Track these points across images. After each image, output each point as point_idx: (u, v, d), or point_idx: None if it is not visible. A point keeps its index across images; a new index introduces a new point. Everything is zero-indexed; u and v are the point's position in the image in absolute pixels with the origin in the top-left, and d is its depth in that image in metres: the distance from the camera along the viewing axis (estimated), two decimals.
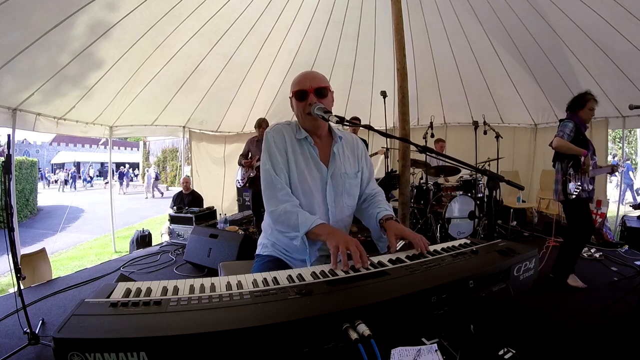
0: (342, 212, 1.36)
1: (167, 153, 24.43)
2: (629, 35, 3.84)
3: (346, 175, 1.36)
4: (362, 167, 1.44)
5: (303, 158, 1.31)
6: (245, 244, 3.35)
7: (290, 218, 1.18)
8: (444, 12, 4.84)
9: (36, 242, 7.47)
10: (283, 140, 1.30)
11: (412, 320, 0.79)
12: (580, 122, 2.84)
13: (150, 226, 6.79)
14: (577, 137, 2.78)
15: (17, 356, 2.05)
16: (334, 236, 1.07)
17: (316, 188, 1.31)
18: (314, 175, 1.31)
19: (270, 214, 1.27)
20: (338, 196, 1.34)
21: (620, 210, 5.31)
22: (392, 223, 1.26)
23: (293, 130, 1.34)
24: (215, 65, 5.08)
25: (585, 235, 2.89)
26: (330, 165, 1.33)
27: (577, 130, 2.79)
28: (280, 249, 1.37)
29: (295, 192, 1.29)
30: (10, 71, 3.35)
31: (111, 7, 3.44)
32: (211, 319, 0.65)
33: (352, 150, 1.43)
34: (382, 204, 1.38)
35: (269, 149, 1.30)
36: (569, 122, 2.82)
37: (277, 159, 1.28)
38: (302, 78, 1.31)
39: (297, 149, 1.31)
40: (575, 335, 2.16)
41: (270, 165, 1.28)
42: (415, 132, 5.79)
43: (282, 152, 1.29)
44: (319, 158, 1.32)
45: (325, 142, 1.37)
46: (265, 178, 1.29)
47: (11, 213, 2.20)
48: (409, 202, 3.88)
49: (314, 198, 1.30)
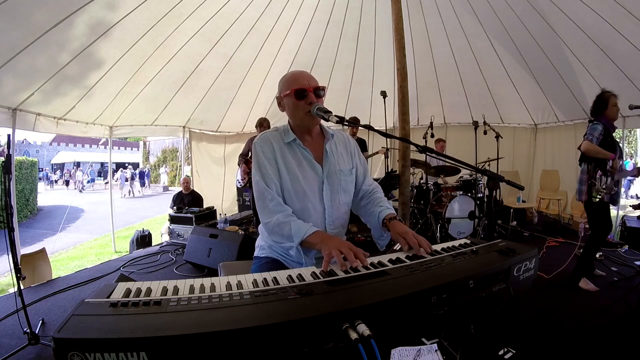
0: (339, 210, 1.36)
1: (167, 153, 24.46)
2: (629, 35, 3.84)
3: (341, 173, 1.35)
4: (355, 164, 1.43)
5: (295, 161, 1.30)
6: (245, 244, 3.35)
7: (284, 229, 1.18)
8: (444, 12, 4.84)
9: (36, 242, 7.48)
10: (271, 148, 1.29)
11: (412, 320, 0.79)
12: (609, 123, 2.81)
13: (150, 226, 6.79)
14: (605, 139, 2.74)
15: (17, 356, 2.05)
16: (326, 243, 1.07)
17: (311, 189, 1.30)
18: (309, 176, 1.30)
19: (264, 225, 1.27)
20: (334, 194, 1.33)
21: (620, 210, 5.31)
22: (397, 223, 1.25)
23: (281, 135, 1.32)
24: (215, 65, 5.08)
25: (603, 236, 2.86)
26: (324, 164, 1.32)
27: (606, 133, 2.76)
28: (278, 250, 1.37)
29: (289, 196, 1.28)
30: (10, 71, 3.35)
31: (111, 6, 3.44)
32: (211, 319, 0.65)
33: (345, 147, 1.42)
34: (382, 202, 1.37)
35: (258, 160, 1.29)
36: (597, 125, 2.78)
37: (267, 169, 1.27)
38: (299, 76, 1.28)
39: (287, 154, 1.29)
40: (575, 335, 2.16)
41: (260, 176, 1.27)
42: (415, 132, 5.79)
43: (271, 162, 1.28)
44: (313, 158, 1.31)
45: (317, 140, 1.36)
46: (256, 189, 1.28)
47: (11, 213, 2.20)
48: (409, 202, 3.88)
49: (309, 200, 1.29)
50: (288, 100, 1.28)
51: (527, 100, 5.87)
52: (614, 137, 2.81)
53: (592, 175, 2.77)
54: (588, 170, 2.82)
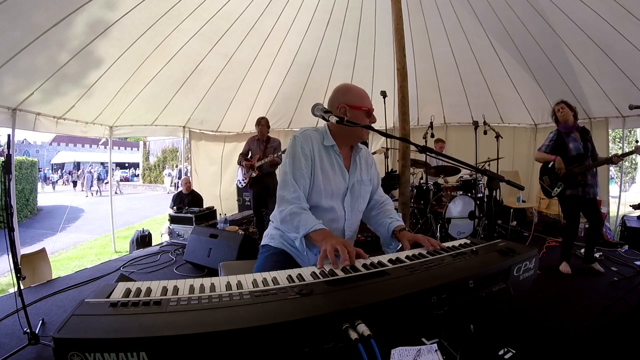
0: (356, 216, 1.46)
1: (167, 153, 24.44)
2: (629, 35, 3.84)
3: (362, 182, 1.45)
4: (372, 175, 1.53)
5: (329, 164, 1.37)
6: (245, 244, 3.35)
7: (294, 219, 1.23)
8: (444, 12, 4.83)
9: (36, 242, 7.48)
10: (311, 146, 1.34)
11: (412, 320, 0.79)
12: (563, 127, 3.21)
13: (150, 226, 6.79)
14: (557, 143, 3.22)
15: (17, 356, 2.05)
16: (326, 240, 1.09)
17: (338, 193, 1.38)
18: (338, 181, 1.38)
19: (278, 213, 1.32)
20: (354, 201, 1.42)
21: (620, 210, 5.30)
22: (406, 234, 1.32)
23: (321, 136, 1.39)
24: (215, 65, 5.08)
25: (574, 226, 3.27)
26: (351, 173, 1.41)
27: (558, 137, 3.22)
28: (287, 239, 1.39)
29: (318, 195, 1.34)
30: (9, 70, 3.35)
31: (110, 5, 3.44)
32: (211, 319, 0.65)
33: (366, 160, 1.53)
34: (392, 214, 1.47)
35: (294, 152, 1.33)
36: (550, 133, 3.30)
37: (301, 164, 1.31)
38: (365, 95, 1.37)
39: (323, 155, 1.36)
40: (575, 335, 2.16)
41: (290, 168, 1.31)
42: (415, 132, 5.78)
43: (307, 158, 1.33)
44: (343, 165, 1.40)
45: (347, 151, 1.45)
46: (283, 179, 1.33)
47: (11, 213, 2.20)
48: (409, 202, 3.88)
49: (335, 202, 1.37)
50: (358, 113, 1.33)
51: (527, 100, 5.87)
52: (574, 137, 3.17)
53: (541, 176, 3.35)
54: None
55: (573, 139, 3.15)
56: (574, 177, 3.09)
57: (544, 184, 3.30)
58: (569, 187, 3.12)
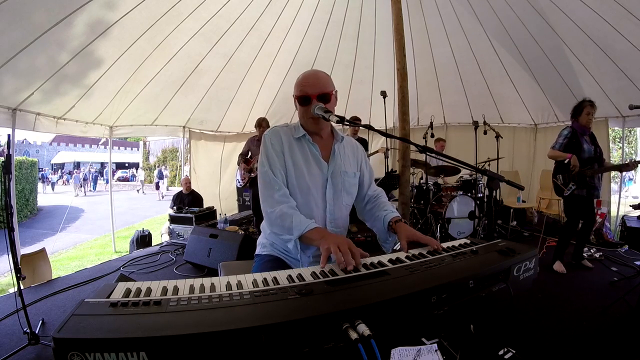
0: (340, 210, 1.38)
1: (167, 153, 24.45)
2: (629, 35, 3.84)
3: (345, 174, 1.38)
4: (362, 170, 1.48)
5: (302, 156, 1.32)
6: (245, 244, 3.35)
7: (286, 220, 1.19)
8: (444, 12, 4.84)
9: (36, 242, 7.48)
10: (280, 141, 1.32)
11: (412, 320, 0.79)
12: (580, 128, 3.14)
13: (150, 226, 6.79)
14: (570, 141, 3.13)
15: (17, 356, 2.05)
16: (326, 239, 1.07)
17: (315, 185, 1.32)
18: (314, 172, 1.32)
19: (267, 215, 1.29)
20: (337, 193, 1.36)
21: (620, 210, 5.30)
22: (403, 226, 1.27)
23: (291, 130, 1.35)
24: (215, 65, 5.08)
25: (574, 226, 3.28)
26: (330, 163, 1.35)
27: (572, 136, 3.13)
28: (279, 248, 1.38)
29: (293, 190, 1.30)
30: (9, 71, 3.35)
31: (110, 6, 3.44)
32: (211, 319, 0.65)
33: (353, 152, 1.46)
34: (387, 206, 1.41)
35: (266, 151, 1.32)
36: (564, 130, 3.21)
37: (275, 160, 1.29)
38: (305, 82, 1.29)
39: (295, 148, 1.32)
40: (575, 335, 2.16)
41: (268, 166, 1.29)
42: (415, 132, 5.78)
43: (279, 154, 1.30)
44: (320, 155, 1.34)
45: (327, 140, 1.39)
46: (263, 179, 1.30)
47: (11, 213, 2.20)
48: (409, 202, 3.88)
49: (312, 196, 1.31)
50: (295, 103, 1.33)
51: (527, 100, 5.87)
52: (586, 139, 3.16)
53: (555, 174, 3.27)
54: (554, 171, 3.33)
55: (586, 141, 3.15)
56: (584, 177, 3.07)
57: (558, 182, 3.22)
58: (577, 187, 3.11)
